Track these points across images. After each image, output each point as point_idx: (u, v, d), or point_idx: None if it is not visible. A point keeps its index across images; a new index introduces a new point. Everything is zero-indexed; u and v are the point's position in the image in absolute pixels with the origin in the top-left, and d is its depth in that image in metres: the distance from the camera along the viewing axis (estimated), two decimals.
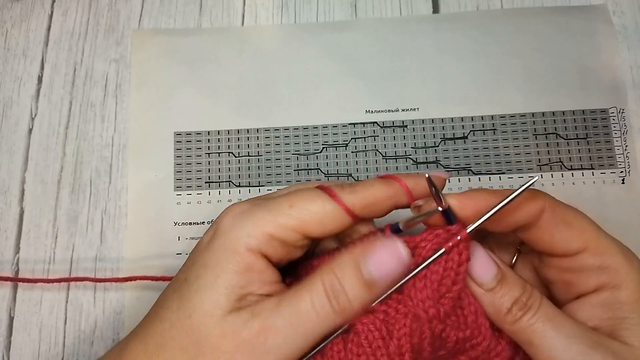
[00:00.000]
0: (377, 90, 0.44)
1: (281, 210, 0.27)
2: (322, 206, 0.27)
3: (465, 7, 0.46)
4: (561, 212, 0.28)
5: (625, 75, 0.44)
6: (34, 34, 0.46)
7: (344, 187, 0.28)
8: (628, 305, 0.26)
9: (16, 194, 0.43)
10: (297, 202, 0.27)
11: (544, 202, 0.27)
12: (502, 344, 0.28)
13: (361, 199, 0.28)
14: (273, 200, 0.28)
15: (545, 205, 0.27)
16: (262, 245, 0.27)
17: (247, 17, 0.47)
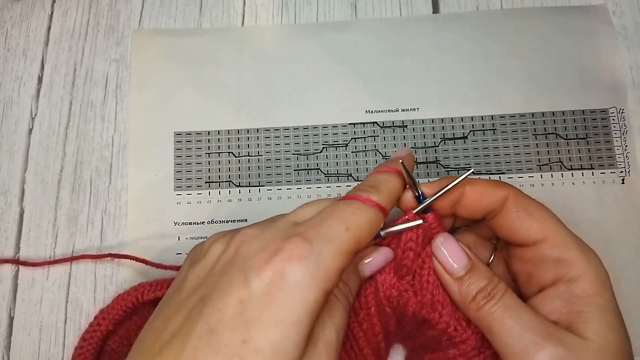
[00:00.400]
0: (377, 90, 0.44)
1: (341, 235, 0.26)
2: (368, 217, 0.28)
3: (465, 7, 0.46)
4: (524, 202, 0.30)
5: (625, 75, 0.44)
6: (34, 34, 0.46)
7: (369, 191, 0.29)
8: (583, 299, 0.28)
9: (16, 193, 0.43)
10: (349, 220, 0.27)
11: (507, 191, 0.30)
12: (468, 332, 0.30)
13: (387, 197, 0.29)
14: (329, 223, 0.27)
15: (509, 194, 0.30)
16: (329, 289, 0.25)
17: (247, 18, 0.47)
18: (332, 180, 0.43)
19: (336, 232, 0.26)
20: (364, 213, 0.28)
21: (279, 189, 0.42)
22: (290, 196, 0.42)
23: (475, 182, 0.31)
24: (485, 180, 0.31)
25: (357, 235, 0.27)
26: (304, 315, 0.24)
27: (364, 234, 0.27)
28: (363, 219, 0.27)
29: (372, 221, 0.28)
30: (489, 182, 0.31)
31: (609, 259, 0.40)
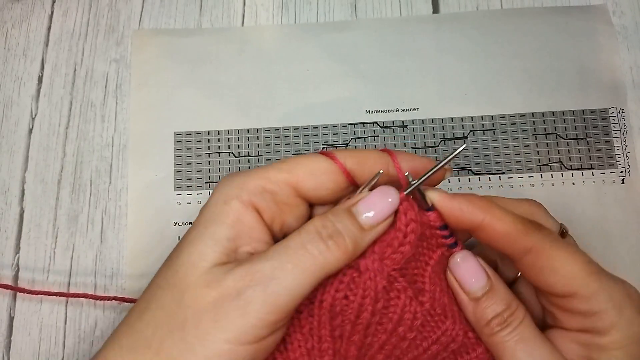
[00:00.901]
0: (377, 90, 0.44)
1: (273, 165, 0.27)
2: (314, 160, 0.27)
3: (465, 7, 0.46)
4: (547, 258, 0.26)
5: (625, 75, 0.44)
6: (34, 34, 0.46)
7: (339, 150, 0.29)
8: (607, 351, 0.26)
9: (16, 193, 0.43)
10: (290, 158, 0.28)
11: (532, 243, 0.27)
12: (481, 348, 0.28)
13: (354, 156, 0.28)
14: (267, 165, 0.28)
15: (532, 249, 0.26)
16: (254, 197, 0.26)
17: (247, 18, 0.47)
18: None
19: (272, 163, 0.28)
20: (313, 157, 0.28)
21: None
22: None
23: (497, 215, 0.27)
24: (508, 218, 0.27)
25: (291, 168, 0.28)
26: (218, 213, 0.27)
27: (301, 172, 0.27)
28: (307, 160, 0.28)
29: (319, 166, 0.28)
30: (512, 224, 0.27)
31: (609, 259, 0.40)
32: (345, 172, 0.27)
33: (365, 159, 0.28)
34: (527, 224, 0.27)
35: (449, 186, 0.42)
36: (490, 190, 0.42)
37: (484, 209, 0.27)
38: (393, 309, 0.27)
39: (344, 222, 0.25)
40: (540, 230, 0.27)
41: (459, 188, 0.42)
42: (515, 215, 0.27)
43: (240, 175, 0.27)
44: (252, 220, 0.26)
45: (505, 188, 0.42)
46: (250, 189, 0.26)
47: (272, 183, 0.27)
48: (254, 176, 0.27)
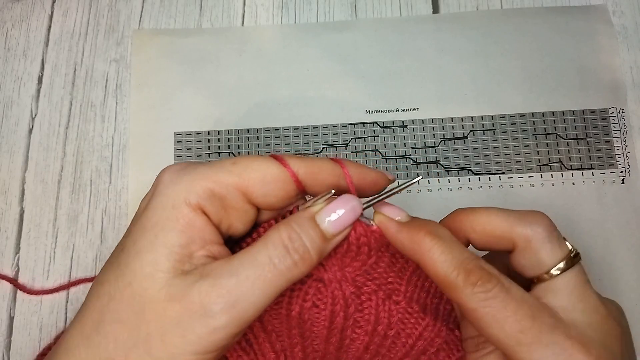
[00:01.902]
0: (377, 90, 0.44)
1: (223, 167, 0.26)
2: (266, 165, 0.26)
3: (465, 7, 0.46)
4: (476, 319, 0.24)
5: (625, 75, 0.44)
6: (34, 34, 0.46)
7: (291, 156, 0.27)
8: None
9: (16, 193, 0.43)
10: (241, 160, 0.26)
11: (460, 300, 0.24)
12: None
13: (306, 166, 0.27)
14: (217, 160, 0.27)
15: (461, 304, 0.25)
16: (202, 201, 0.25)
17: (247, 18, 0.47)
18: None
19: (221, 162, 0.26)
20: (265, 162, 0.26)
21: None
22: None
23: (430, 261, 0.25)
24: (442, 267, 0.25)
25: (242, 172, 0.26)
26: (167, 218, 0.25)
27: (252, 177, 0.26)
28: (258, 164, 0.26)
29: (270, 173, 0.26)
30: (444, 275, 0.25)
31: (609, 259, 0.40)
32: (296, 181, 0.27)
33: (317, 168, 0.27)
34: (461, 276, 0.24)
35: (449, 186, 0.42)
36: (490, 190, 0.42)
37: (421, 252, 0.25)
38: (368, 311, 0.28)
39: (309, 233, 0.25)
40: (472, 287, 0.24)
41: (459, 188, 0.42)
42: (453, 264, 0.25)
43: (186, 174, 0.26)
44: (202, 224, 0.25)
45: (505, 188, 0.42)
46: (198, 191, 0.25)
47: (221, 187, 0.26)
48: (202, 177, 0.26)
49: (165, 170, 0.27)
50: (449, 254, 0.25)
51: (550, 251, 0.26)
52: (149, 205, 0.26)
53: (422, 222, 0.27)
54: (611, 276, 0.40)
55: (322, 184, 0.27)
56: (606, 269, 0.40)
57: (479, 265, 0.25)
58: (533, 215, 0.27)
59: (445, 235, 0.26)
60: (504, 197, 0.42)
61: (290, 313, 0.27)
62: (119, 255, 0.25)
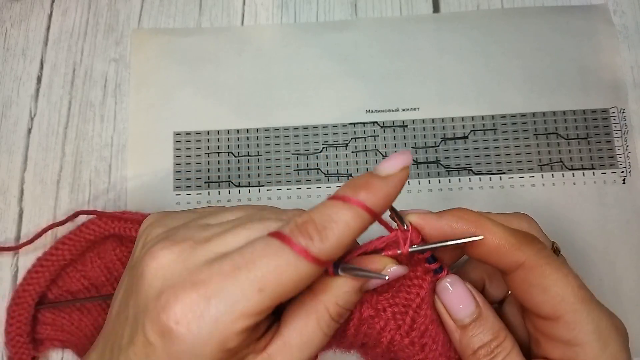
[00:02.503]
0: (377, 90, 0.44)
1: (250, 300, 0.22)
2: (296, 274, 0.23)
3: (465, 6, 0.46)
4: (539, 275, 0.25)
5: (625, 75, 0.44)
6: (33, 34, 0.46)
7: (312, 235, 0.23)
8: None
9: (15, 193, 0.42)
10: (267, 279, 0.22)
11: (524, 257, 0.25)
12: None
13: (336, 248, 0.23)
14: (235, 277, 0.23)
15: (525, 263, 0.25)
16: (230, 343, 0.23)
17: (247, 17, 0.46)
18: (332, 180, 0.42)
19: (245, 293, 0.22)
20: (292, 270, 0.22)
21: (279, 189, 0.42)
22: (290, 196, 0.42)
23: (488, 228, 0.26)
24: (500, 231, 0.26)
25: (272, 297, 0.23)
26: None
27: (284, 293, 0.23)
28: (287, 277, 0.22)
29: (301, 278, 0.23)
30: (505, 237, 0.25)
31: (610, 259, 0.40)
32: (324, 265, 0.24)
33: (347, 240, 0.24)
34: (520, 237, 0.26)
35: (449, 186, 0.42)
36: (491, 190, 0.42)
37: (474, 223, 0.26)
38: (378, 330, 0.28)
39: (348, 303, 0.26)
40: (534, 245, 0.26)
41: (460, 188, 0.42)
42: (508, 228, 0.26)
43: (208, 316, 0.22)
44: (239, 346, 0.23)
45: (506, 188, 0.42)
46: (232, 337, 0.22)
47: (248, 322, 0.23)
48: (230, 318, 0.22)
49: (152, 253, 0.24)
50: (498, 223, 0.26)
51: None
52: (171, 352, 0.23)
53: (452, 209, 0.27)
54: (612, 276, 0.40)
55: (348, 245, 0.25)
56: (607, 269, 0.40)
57: (525, 233, 0.26)
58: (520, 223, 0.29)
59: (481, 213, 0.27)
60: (504, 198, 0.42)
61: None
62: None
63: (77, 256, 0.39)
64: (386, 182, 0.24)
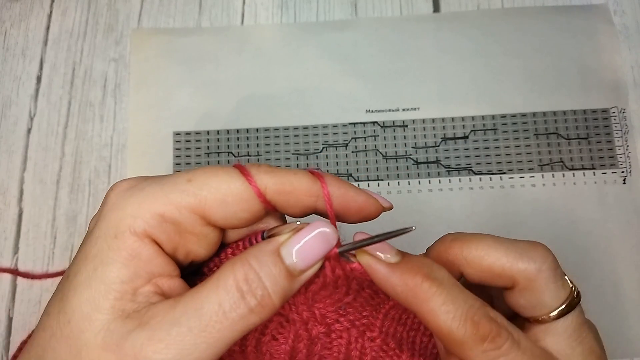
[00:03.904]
0: (377, 90, 0.44)
1: (176, 185, 0.22)
2: (227, 182, 0.22)
3: (465, 6, 0.46)
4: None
5: (626, 75, 0.44)
6: (33, 34, 0.46)
7: (260, 167, 0.23)
8: None
9: (15, 194, 0.42)
10: (198, 176, 0.23)
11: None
12: None
13: (277, 182, 0.23)
14: (170, 175, 0.23)
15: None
16: (151, 228, 0.22)
17: (247, 17, 0.46)
18: None
19: (175, 179, 0.22)
20: (227, 177, 0.23)
21: None
22: None
23: (433, 311, 0.22)
24: (446, 320, 0.22)
25: (198, 192, 0.22)
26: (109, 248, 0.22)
27: (210, 196, 0.22)
28: (218, 181, 0.22)
29: (232, 191, 0.22)
30: (448, 330, 0.22)
31: (610, 259, 0.40)
32: (264, 200, 0.23)
33: (290, 185, 0.23)
34: (469, 331, 0.22)
35: (449, 186, 0.42)
36: (491, 190, 0.42)
37: (419, 302, 0.22)
38: (337, 349, 0.25)
39: (271, 271, 0.21)
40: (481, 343, 0.22)
41: (460, 188, 0.42)
42: (457, 316, 0.22)
43: (132, 195, 0.22)
44: (150, 255, 0.22)
45: (506, 188, 0.42)
46: (146, 217, 0.22)
47: (173, 210, 0.22)
48: (151, 199, 0.22)
49: (113, 187, 0.23)
50: (451, 304, 0.22)
51: (555, 292, 0.23)
52: (92, 231, 0.23)
53: (416, 262, 0.23)
54: (612, 276, 0.40)
55: (297, 204, 0.24)
56: (607, 269, 0.40)
57: (487, 315, 0.22)
58: (535, 249, 0.24)
59: (444, 278, 0.23)
60: (504, 197, 0.42)
61: (246, 349, 0.24)
62: (64, 284, 0.23)
63: None
64: None
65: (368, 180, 0.42)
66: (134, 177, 0.24)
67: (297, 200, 0.24)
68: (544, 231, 0.41)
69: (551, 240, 0.31)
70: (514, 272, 0.23)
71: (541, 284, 0.23)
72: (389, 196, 0.42)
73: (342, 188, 0.24)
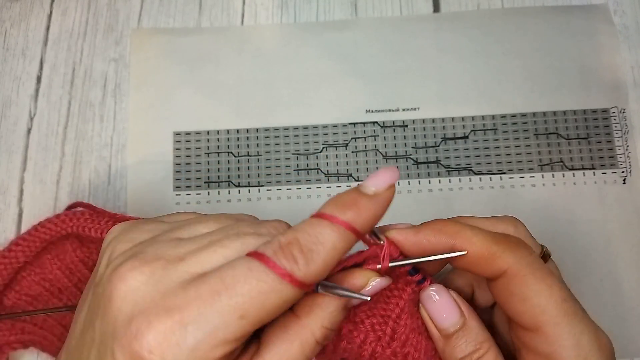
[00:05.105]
0: (377, 90, 0.44)
1: (231, 324, 0.21)
2: (279, 297, 0.21)
3: (465, 6, 0.46)
4: (521, 284, 0.24)
5: (626, 75, 0.44)
6: (33, 34, 0.46)
7: (297, 258, 0.22)
8: None
9: (15, 194, 0.42)
10: (249, 304, 0.21)
11: (507, 265, 0.24)
12: None
13: (319, 271, 0.22)
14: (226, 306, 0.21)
15: (507, 271, 0.25)
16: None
17: (247, 17, 0.46)
18: (332, 180, 0.42)
19: (225, 320, 0.21)
20: (275, 295, 0.21)
21: (279, 189, 0.42)
22: (290, 196, 0.42)
23: (467, 237, 0.25)
24: (480, 239, 0.25)
25: (254, 322, 0.21)
26: None
27: (266, 317, 0.22)
28: (270, 303, 0.21)
29: (285, 302, 0.22)
30: (485, 245, 0.25)
31: (610, 259, 0.40)
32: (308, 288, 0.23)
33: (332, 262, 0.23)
34: (503, 244, 0.25)
35: (449, 186, 0.42)
36: (491, 190, 0.42)
37: (452, 234, 0.25)
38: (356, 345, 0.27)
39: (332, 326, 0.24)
40: (517, 251, 0.25)
41: (460, 188, 0.42)
42: (489, 235, 0.25)
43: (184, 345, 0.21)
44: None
45: (506, 188, 0.42)
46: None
47: (233, 345, 0.21)
48: (206, 343, 0.21)
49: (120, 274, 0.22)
50: (478, 231, 0.25)
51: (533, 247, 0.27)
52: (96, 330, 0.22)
53: (431, 221, 0.26)
54: (612, 276, 0.40)
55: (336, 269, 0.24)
56: (607, 269, 0.40)
57: (509, 238, 0.25)
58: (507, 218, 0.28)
59: (462, 220, 0.26)
60: (504, 197, 0.42)
61: None
62: None
63: (33, 258, 0.37)
64: (373, 202, 0.23)
65: None
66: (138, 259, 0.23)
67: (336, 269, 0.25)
68: (544, 231, 0.41)
69: (551, 240, 0.32)
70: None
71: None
72: None
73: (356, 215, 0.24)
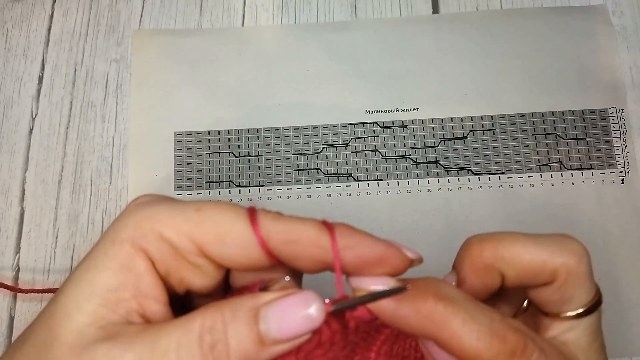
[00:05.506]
0: (377, 90, 0.44)
1: (184, 212, 0.22)
2: (231, 222, 0.21)
3: (465, 7, 0.46)
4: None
5: (624, 75, 0.44)
6: (34, 34, 0.46)
7: (269, 214, 0.22)
8: None
9: (17, 193, 0.43)
10: (207, 209, 0.22)
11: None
12: None
13: (281, 230, 0.21)
14: (187, 202, 0.23)
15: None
16: (148, 244, 0.21)
17: (248, 18, 0.47)
18: (332, 180, 0.43)
19: (186, 206, 0.22)
20: (232, 216, 0.22)
21: (279, 189, 0.42)
22: (290, 196, 0.42)
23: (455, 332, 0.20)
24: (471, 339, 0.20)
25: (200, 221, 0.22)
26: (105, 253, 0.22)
27: (209, 229, 0.22)
28: (222, 217, 0.22)
29: (232, 230, 0.21)
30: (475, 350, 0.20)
31: (609, 259, 0.40)
32: (266, 249, 0.21)
33: (296, 235, 0.21)
34: (495, 349, 0.19)
35: (449, 186, 0.42)
36: (490, 190, 0.42)
37: (437, 328, 0.20)
38: None
39: (240, 331, 0.19)
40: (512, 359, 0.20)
41: (459, 188, 0.42)
42: (482, 333, 0.20)
43: (144, 209, 0.23)
44: (141, 270, 0.21)
45: (505, 188, 0.42)
46: (146, 232, 0.21)
47: (173, 232, 0.21)
48: (156, 217, 0.22)
49: (135, 199, 0.24)
50: (472, 322, 0.20)
51: (590, 286, 0.22)
52: (102, 234, 0.23)
53: (421, 284, 0.21)
54: (611, 276, 0.40)
55: (304, 256, 0.21)
56: (606, 269, 0.40)
57: (511, 327, 0.20)
58: (571, 242, 0.23)
59: (455, 294, 0.21)
60: (503, 197, 0.42)
61: None
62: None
63: None
64: None
65: (368, 180, 0.42)
66: (157, 195, 0.24)
67: (303, 252, 0.21)
68: (543, 231, 0.40)
69: None
70: (557, 266, 0.22)
71: (580, 277, 0.22)
72: (389, 196, 0.42)
73: (356, 238, 0.21)
